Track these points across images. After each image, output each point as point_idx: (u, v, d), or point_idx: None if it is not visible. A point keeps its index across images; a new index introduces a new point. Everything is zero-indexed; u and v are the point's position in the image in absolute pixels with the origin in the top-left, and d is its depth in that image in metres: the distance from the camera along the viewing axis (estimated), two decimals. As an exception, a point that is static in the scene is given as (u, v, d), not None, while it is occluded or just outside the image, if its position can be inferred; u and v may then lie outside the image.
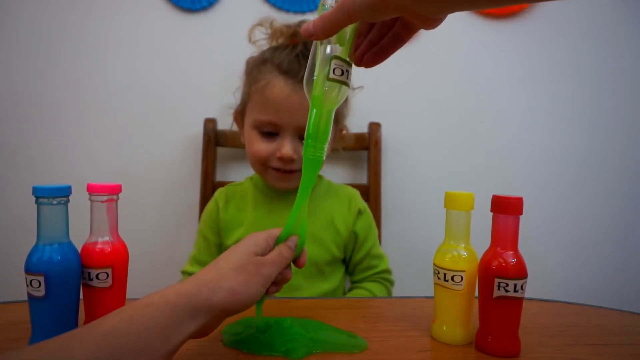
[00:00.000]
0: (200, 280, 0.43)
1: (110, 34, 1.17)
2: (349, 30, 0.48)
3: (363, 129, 1.21)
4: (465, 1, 0.38)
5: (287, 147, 0.81)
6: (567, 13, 1.25)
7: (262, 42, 0.91)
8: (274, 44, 0.89)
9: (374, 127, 1.20)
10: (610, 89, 1.27)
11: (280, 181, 0.86)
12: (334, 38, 0.47)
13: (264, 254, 0.48)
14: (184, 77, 1.19)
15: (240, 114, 0.92)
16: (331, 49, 0.48)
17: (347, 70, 0.48)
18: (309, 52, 0.82)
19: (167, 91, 1.19)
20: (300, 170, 0.82)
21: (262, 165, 0.85)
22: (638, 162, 1.29)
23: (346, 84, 0.48)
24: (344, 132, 0.97)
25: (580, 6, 1.25)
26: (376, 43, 0.49)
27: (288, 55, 0.83)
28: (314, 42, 0.49)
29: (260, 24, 0.91)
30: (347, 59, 0.48)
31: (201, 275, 0.44)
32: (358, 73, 1.28)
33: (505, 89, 1.26)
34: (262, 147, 0.84)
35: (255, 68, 0.87)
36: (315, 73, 0.48)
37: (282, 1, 1.19)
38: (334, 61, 0.47)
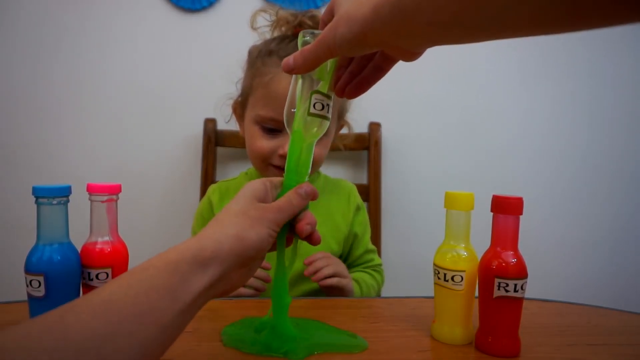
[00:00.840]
0: (203, 234, 0.41)
1: (110, 34, 1.17)
2: (329, 63, 0.48)
3: (363, 129, 1.21)
4: (445, 37, 0.38)
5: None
6: (567, 13, 1.25)
7: (265, 29, 0.88)
8: (276, 32, 0.86)
9: (374, 127, 1.20)
10: (610, 89, 1.27)
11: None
12: (314, 72, 0.47)
13: (265, 200, 0.46)
14: (184, 77, 1.19)
15: (240, 105, 0.88)
16: (310, 84, 0.48)
17: (328, 104, 0.48)
18: None
19: (167, 91, 1.19)
20: None
21: (263, 162, 0.83)
22: (638, 162, 1.29)
23: (327, 118, 0.48)
24: (344, 127, 0.94)
25: (580, 6, 1.25)
26: (357, 74, 0.49)
27: (295, 50, 0.80)
28: (294, 75, 0.49)
29: (263, 10, 0.87)
30: (328, 93, 0.48)
31: (203, 231, 0.42)
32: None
33: (505, 89, 1.26)
34: (264, 144, 0.81)
35: (260, 59, 0.83)
36: (296, 107, 0.48)
37: (282, 1, 1.19)
38: (314, 96, 0.47)
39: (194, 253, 0.38)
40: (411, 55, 0.42)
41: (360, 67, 0.49)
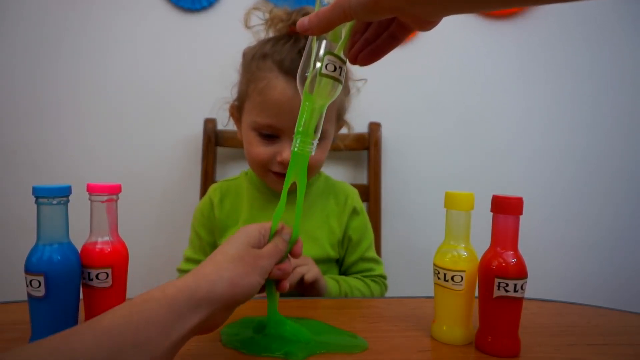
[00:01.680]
0: (199, 274, 0.43)
1: (110, 34, 1.17)
2: (344, 28, 0.48)
3: (363, 129, 1.21)
4: (460, 4, 0.38)
5: (287, 152, 0.77)
6: (567, 13, 1.25)
7: (259, 27, 0.86)
8: (271, 31, 0.84)
9: (374, 127, 1.20)
10: (610, 89, 1.27)
11: (280, 185, 0.83)
12: (329, 35, 0.47)
13: (258, 246, 0.48)
14: (184, 77, 1.19)
15: (236, 109, 0.87)
16: (326, 46, 0.48)
17: (341, 67, 0.48)
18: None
19: (167, 91, 1.19)
20: None
21: (262, 168, 0.82)
22: (638, 162, 1.29)
23: (339, 80, 0.48)
24: (344, 127, 0.93)
25: (580, 6, 1.25)
26: (372, 42, 0.49)
27: (290, 52, 0.78)
28: (309, 37, 0.49)
29: (257, 8, 0.85)
30: (342, 56, 0.48)
31: (200, 269, 0.44)
32: (358, 72, 1.28)
33: (505, 89, 1.26)
34: (261, 150, 0.80)
35: (254, 63, 0.81)
36: (309, 68, 0.48)
37: (283, 1, 1.19)
38: (327, 57, 0.47)
39: (189, 293, 0.40)
40: (426, 24, 0.43)
41: (375, 35, 0.49)
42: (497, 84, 1.26)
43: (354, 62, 0.50)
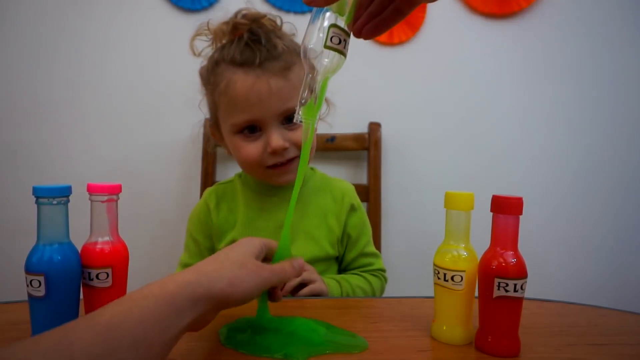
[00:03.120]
0: (201, 271, 0.43)
1: (110, 34, 1.17)
2: (350, 0, 0.48)
3: (363, 129, 1.21)
4: None
5: (275, 139, 0.76)
6: (568, 13, 1.25)
7: (208, 50, 0.86)
8: (219, 45, 0.84)
9: (374, 127, 1.20)
10: (610, 89, 1.27)
11: (281, 176, 0.81)
12: (334, 7, 0.47)
13: (259, 259, 0.50)
14: (184, 77, 1.19)
15: (215, 127, 0.87)
16: (329, 17, 0.48)
17: (345, 40, 0.48)
18: (256, 37, 0.78)
19: (167, 91, 1.19)
20: (297, 157, 0.77)
21: (259, 168, 0.80)
22: (638, 162, 1.29)
23: (343, 53, 0.48)
24: (328, 105, 0.92)
25: (580, 6, 1.25)
26: (377, 15, 0.48)
27: (237, 47, 0.78)
28: (314, 9, 0.48)
29: (199, 34, 0.86)
30: (346, 29, 0.48)
31: (201, 266, 0.44)
32: (358, 72, 1.28)
33: (505, 89, 1.26)
34: (250, 149, 0.78)
35: (211, 73, 0.81)
36: (313, 41, 0.48)
37: (282, 1, 1.19)
38: (332, 29, 0.47)
39: (190, 289, 0.40)
40: None
41: (380, 9, 0.48)
42: (498, 83, 1.26)
43: (358, 35, 0.49)
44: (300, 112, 0.50)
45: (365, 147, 1.20)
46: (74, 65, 1.17)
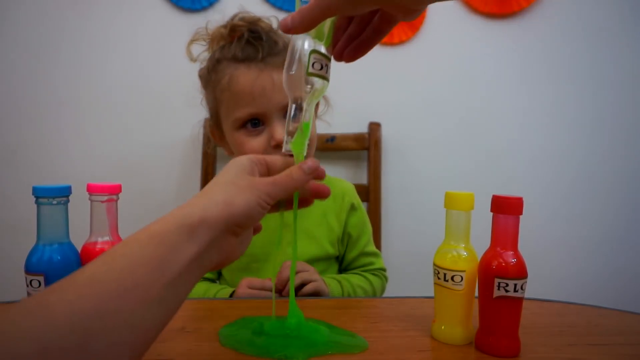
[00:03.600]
0: (188, 203, 0.39)
1: (110, 33, 1.17)
2: (327, 24, 0.47)
3: (363, 129, 1.21)
4: None
5: (278, 131, 0.75)
6: (568, 13, 1.25)
7: (205, 54, 0.87)
8: (216, 48, 0.84)
9: (374, 127, 1.20)
10: (610, 90, 1.27)
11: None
12: (312, 32, 0.47)
13: (253, 175, 0.44)
14: (184, 77, 1.19)
15: (215, 127, 0.86)
16: (309, 44, 0.48)
17: (327, 65, 0.48)
18: (257, 34, 0.79)
19: (167, 91, 1.19)
20: None
21: None
22: (638, 162, 1.29)
23: (326, 78, 0.48)
24: (325, 104, 0.92)
25: (580, 6, 1.25)
26: (356, 37, 0.48)
27: (238, 45, 0.79)
28: (292, 37, 0.48)
29: (195, 39, 0.86)
30: (327, 54, 0.48)
31: (188, 201, 0.40)
32: (358, 72, 1.28)
33: (505, 89, 1.26)
34: (254, 144, 0.78)
35: (212, 72, 0.81)
36: (294, 68, 0.48)
37: (282, 1, 1.19)
38: (313, 55, 0.47)
39: (179, 221, 0.36)
40: (410, 12, 0.42)
41: (359, 30, 0.48)
42: (498, 83, 1.26)
43: (339, 58, 0.49)
44: (289, 145, 0.49)
45: (365, 147, 1.20)
46: (74, 65, 1.17)
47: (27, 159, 1.17)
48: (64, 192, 0.49)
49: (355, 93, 1.22)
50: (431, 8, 1.22)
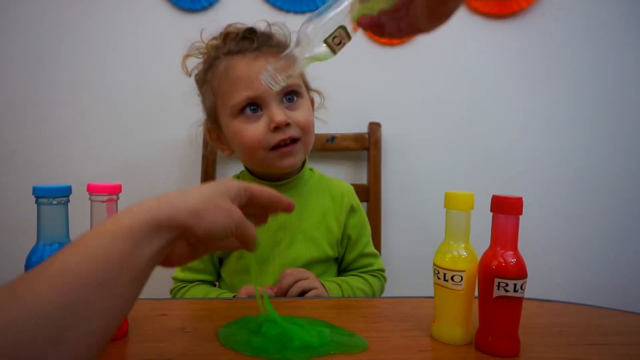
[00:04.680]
0: (163, 199, 0.39)
1: (110, 33, 1.17)
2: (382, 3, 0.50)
3: (363, 129, 1.21)
4: None
5: (277, 113, 0.76)
6: (568, 13, 1.25)
7: (200, 65, 0.88)
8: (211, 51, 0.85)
9: (374, 127, 1.20)
10: (610, 90, 1.27)
11: (284, 159, 0.79)
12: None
13: (234, 203, 0.44)
14: (184, 77, 1.19)
15: (213, 125, 0.87)
16: (344, 11, 0.50)
17: (344, 44, 0.51)
18: (252, 30, 0.81)
19: (167, 91, 1.19)
20: (299, 140, 0.78)
21: (264, 150, 0.78)
22: (638, 162, 1.29)
23: (335, 52, 0.52)
24: (318, 96, 0.92)
25: (581, 6, 1.25)
26: (383, 27, 0.51)
27: (233, 41, 0.81)
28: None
29: (190, 55, 0.87)
30: (351, 34, 0.51)
31: (165, 195, 0.40)
32: (358, 72, 1.27)
33: (505, 89, 1.26)
34: (253, 130, 0.77)
35: (208, 70, 0.83)
36: (321, 25, 0.50)
37: (282, 1, 1.19)
38: (339, 30, 0.50)
39: (148, 218, 0.37)
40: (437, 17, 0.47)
41: (390, 18, 0.51)
42: (498, 83, 1.26)
43: (358, 26, 0.52)
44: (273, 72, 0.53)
45: (365, 147, 1.20)
46: (74, 65, 1.17)
47: (27, 159, 1.17)
48: (64, 192, 0.49)
49: (355, 93, 1.22)
50: (431, 8, 1.22)
